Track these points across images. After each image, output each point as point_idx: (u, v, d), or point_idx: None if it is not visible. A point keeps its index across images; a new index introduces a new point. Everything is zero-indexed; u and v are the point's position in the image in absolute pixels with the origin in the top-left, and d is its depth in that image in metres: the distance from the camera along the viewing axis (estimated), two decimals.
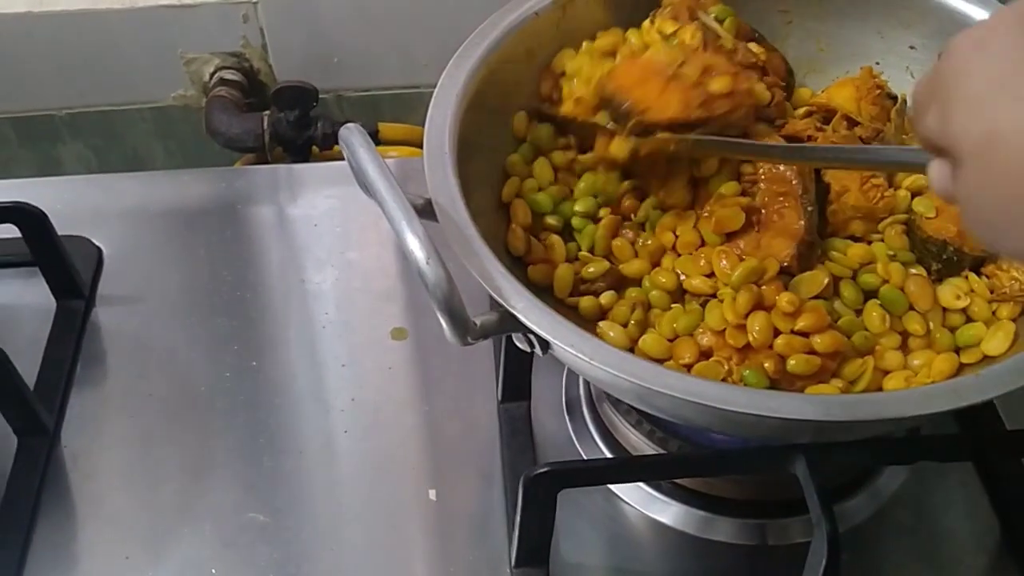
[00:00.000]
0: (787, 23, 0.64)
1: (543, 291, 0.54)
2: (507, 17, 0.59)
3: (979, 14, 0.59)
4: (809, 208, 0.54)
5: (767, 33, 0.64)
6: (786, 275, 0.52)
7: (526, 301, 0.46)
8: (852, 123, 0.58)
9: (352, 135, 0.46)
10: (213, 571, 0.56)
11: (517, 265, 0.55)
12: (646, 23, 0.60)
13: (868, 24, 0.63)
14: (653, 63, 0.54)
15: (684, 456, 0.54)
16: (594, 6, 0.61)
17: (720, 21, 0.60)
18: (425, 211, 0.49)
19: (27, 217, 0.64)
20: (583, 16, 0.61)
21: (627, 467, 0.54)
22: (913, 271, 0.53)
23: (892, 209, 0.56)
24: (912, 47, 0.62)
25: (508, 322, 0.46)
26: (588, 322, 0.53)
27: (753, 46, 0.61)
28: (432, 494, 0.59)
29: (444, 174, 0.50)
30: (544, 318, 0.45)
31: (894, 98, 0.60)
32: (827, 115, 0.59)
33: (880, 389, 0.50)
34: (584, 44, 0.60)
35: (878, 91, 0.59)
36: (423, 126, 0.86)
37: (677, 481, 0.57)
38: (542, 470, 0.50)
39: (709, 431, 0.52)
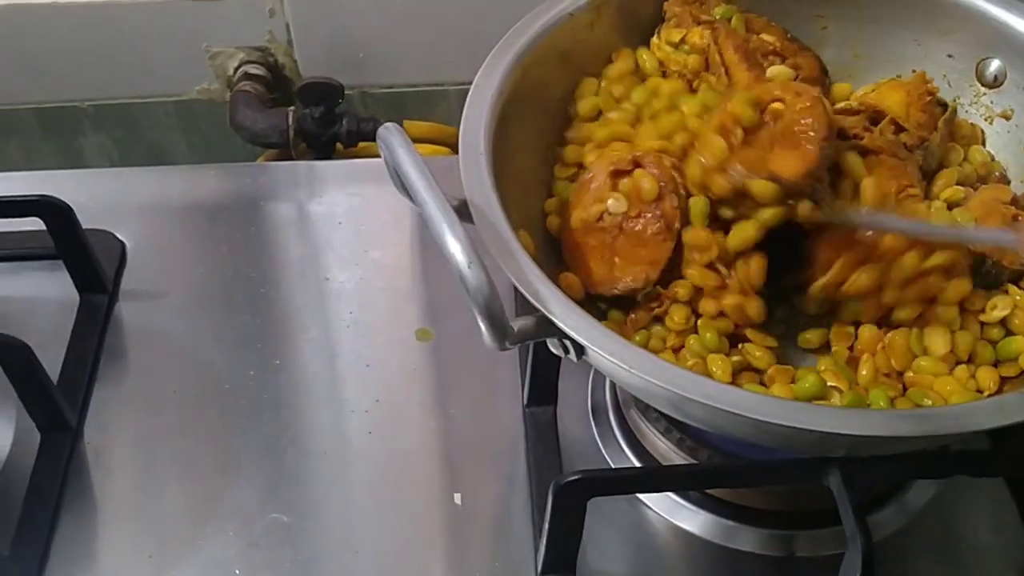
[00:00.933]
0: (822, 28, 0.64)
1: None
2: (542, 17, 0.58)
3: (1020, 24, 0.58)
4: (825, 149, 0.51)
5: (802, 38, 0.63)
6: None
7: (563, 306, 0.45)
8: (899, 128, 0.57)
9: (391, 135, 0.46)
10: (237, 571, 0.55)
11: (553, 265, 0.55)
12: (654, 39, 0.60)
13: (905, 31, 0.62)
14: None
15: (717, 467, 0.54)
16: (630, 5, 0.61)
17: (727, 21, 0.60)
18: (460, 212, 0.48)
19: (53, 210, 0.64)
20: (618, 16, 0.60)
21: (659, 476, 0.54)
22: None
23: None
24: (950, 55, 0.61)
25: (545, 327, 0.45)
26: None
27: (767, 36, 0.60)
28: (457, 498, 0.58)
29: (480, 176, 0.50)
30: (581, 323, 0.45)
31: (944, 106, 0.59)
32: (875, 116, 0.58)
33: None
34: (601, 84, 0.59)
35: (929, 98, 0.58)
36: (448, 123, 0.87)
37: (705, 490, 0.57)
38: (573, 478, 0.49)
39: (742, 442, 0.52)
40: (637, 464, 0.59)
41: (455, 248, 0.42)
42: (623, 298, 0.54)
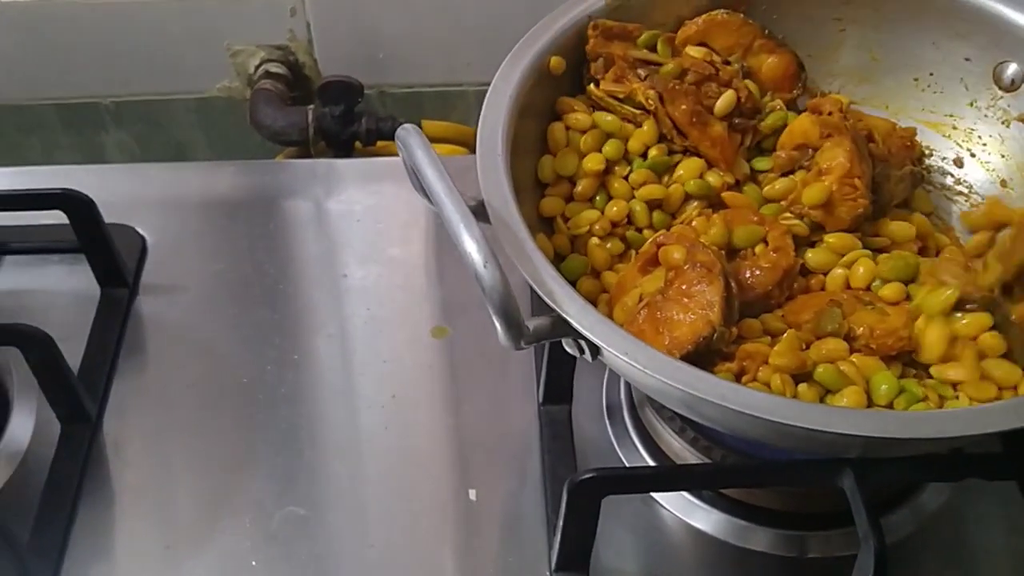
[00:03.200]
0: (840, 31, 0.64)
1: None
2: (560, 19, 0.59)
3: None
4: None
5: (819, 40, 0.64)
6: None
7: (578, 306, 0.46)
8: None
9: (410, 135, 0.46)
10: (253, 563, 0.56)
11: None
12: (592, 88, 0.59)
13: (923, 34, 0.62)
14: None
15: (731, 466, 0.54)
16: (647, 8, 0.61)
17: (652, 48, 0.60)
18: (477, 213, 0.49)
19: (76, 204, 0.65)
20: (635, 18, 0.61)
21: (674, 476, 0.54)
22: None
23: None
24: (967, 59, 0.61)
25: (560, 327, 0.46)
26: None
27: (695, 50, 0.61)
28: (472, 494, 0.59)
29: (497, 176, 0.50)
30: (596, 324, 0.45)
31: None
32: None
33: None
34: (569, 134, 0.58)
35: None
36: (466, 124, 0.87)
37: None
38: (588, 476, 0.50)
39: (756, 442, 0.52)
40: (651, 463, 0.59)
41: (471, 247, 0.42)
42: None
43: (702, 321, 0.48)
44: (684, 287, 0.49)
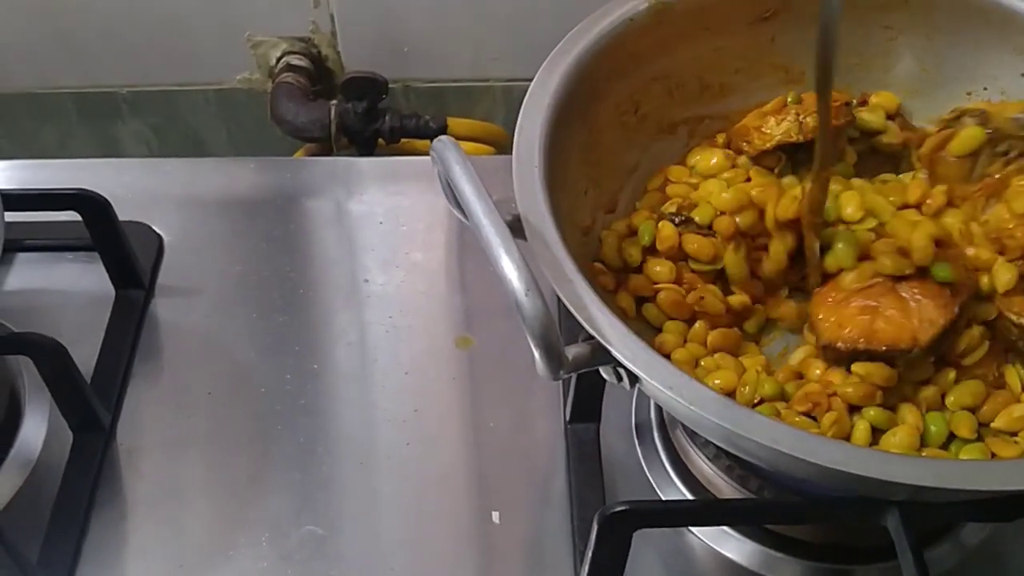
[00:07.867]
0: (890, 40, 0.61)
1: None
2: (600, 23, 0.56)
3: None
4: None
5: (869, 48, 0.61)
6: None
7: (620, 334, 0.43)
8: None
9: (447, 149, 0.44)
10: None
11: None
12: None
13: (977, 47, 0.59)
14: None
15: (771, 502, 0.52)
16: (690, 12, 0.59)
17: None
18: (513, 228, 0.46)
19: (90, 205, 0.62)
20: (681, 21, 0.58)
21: (709, 510, 0.51)
22: None
23: None
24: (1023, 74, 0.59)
25: (600, 355, 0.43)
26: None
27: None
28: (495, 516, 0.57)
29: (534, 191, 0.48)
30: (639, 354, 0.43)
31: None
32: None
33: None
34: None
35: None
36: (490, 120, 0.85)
37: None
38: (620, 508, 0.47)
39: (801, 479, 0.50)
40: (682, 488, 0.57)
41: (512, 275, 0.40)
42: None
43: (909, 332, 0.45)
44: (919, 290, 0.46)
